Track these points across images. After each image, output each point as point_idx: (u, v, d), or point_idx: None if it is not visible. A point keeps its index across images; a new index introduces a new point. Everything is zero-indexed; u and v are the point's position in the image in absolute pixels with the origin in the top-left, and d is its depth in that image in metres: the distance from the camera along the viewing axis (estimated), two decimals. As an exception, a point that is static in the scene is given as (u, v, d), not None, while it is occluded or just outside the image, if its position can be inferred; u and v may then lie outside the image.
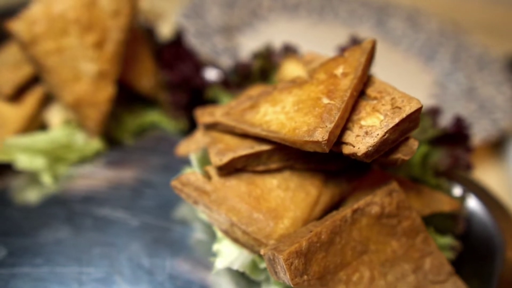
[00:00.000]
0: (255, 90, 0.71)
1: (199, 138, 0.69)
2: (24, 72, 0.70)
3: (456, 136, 0.67)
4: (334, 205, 0.59)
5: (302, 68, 0.72)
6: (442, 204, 0.61)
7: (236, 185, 0.56)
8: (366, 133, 0.50)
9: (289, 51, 0.77)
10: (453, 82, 1.23)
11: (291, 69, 0.72)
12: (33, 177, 0.69)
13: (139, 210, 0.67)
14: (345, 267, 0.52)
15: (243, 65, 0.78)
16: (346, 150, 0.51)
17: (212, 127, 0.61)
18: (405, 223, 0.56)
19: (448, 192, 0.65)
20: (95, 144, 0.73)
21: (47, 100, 0.73)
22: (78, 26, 0.68)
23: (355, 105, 0.54)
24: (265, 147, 0.56)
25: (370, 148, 0.49)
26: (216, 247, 0.57)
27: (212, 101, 0.80)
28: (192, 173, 0.57)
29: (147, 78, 0.79)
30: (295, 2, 1.48)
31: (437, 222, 0.64)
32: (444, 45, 1.38)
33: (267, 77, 0.79)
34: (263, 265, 0.56)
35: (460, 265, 0.59)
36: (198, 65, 0.82)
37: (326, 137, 0.48)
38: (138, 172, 0.74)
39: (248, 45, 1.23)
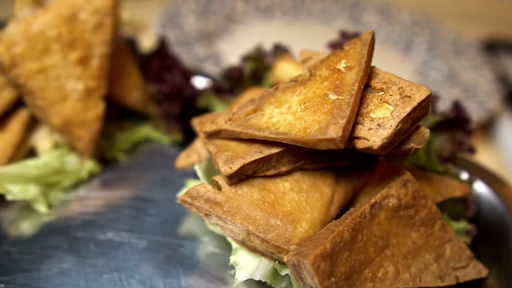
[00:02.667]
0: (252, 93, 0.69)
1: (199, 149, 0.67)
2: (5, 96, 0.66)
3: (456, 121, 0.67)
4: (348, 202, 0.58)
5: (296, 66, 0.71)
6: (453, 190, 0.61)
7: (249, 193, 0.54)
8: (379, 126, 0.49)
9: (280, 51, 0.75)
10: (433, 70, 1.25)
11: (284, 69, 0.71)
12: (26, 206, 0.64)
13: (144, 230, 0.63)
14: (370, 264, 0.51)
15: (234, 68, 0.76)
16: (361, 144, 0.50)
17: (215, 135, 0.59)
18: (422, 213, 0.55)
19: (456, 177, 0.65)
20: (89, 165, 0.69)
21: (33, 123, 0.69)
22: (60, 44, 0.65)
23: (362, 98, 0.53)
24: (274, 150, 0.54)
25: (385, 140, 0.48)
26: (233, 259, 0.55)
27: (205, 110, 0.78)
28: (201, 185, 0.55)
29: (135, 91, 0.76)
30: (268, 4, 1.48)
31: (448, 208, 0.64)
32: (418, 34, 1.40)
33: (259, 79, 0.77)
34: (284, 272, 0.54)
35: (474, 248, 0.59)
36: (187, 74, 0.80)
37: (340, 134, 0.47)
38: (137, 190, 0.70)
39: (229, 49, 1.21)
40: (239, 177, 0.54)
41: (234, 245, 0.56)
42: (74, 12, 0.67)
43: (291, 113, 0.53)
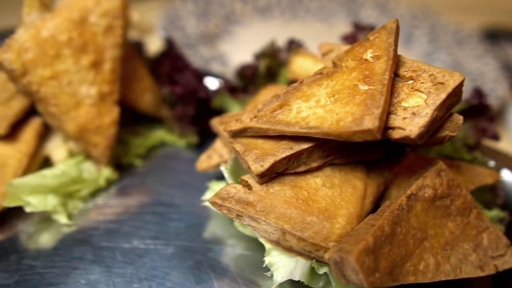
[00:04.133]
0: (270, 90, 0.67)
1: (220, 149, 0.65)
2: (17, 105, 0.63)
3: (479, 108, 0.67)
4: (380, 196, 0.57)
5: (313, 60, 0.70)
6: (484, 177, 0.60)
7: (281, 191, 0.52)
8: (414, 114, 0.48)
9: (295, 46, 0.74)
10: (437, 61, 1.25)
11: (301, 63, 0.70)
12: (45, 218, 0.62)
13: (169, 236, 0.61)
14: (410, 257, 0.49)
15: (248, 67, 0.75)
16: (396, 134, 0.48)
17: (240, 134, 0.57)
18: (457, 202, 0.54)
19: (484, 165, 0.64)
20: (106, 172, 0.67)
21: (47, 132, 0.66)
22: (71, 48, 0.63)
23: (391, 88, 0.51)
24: (304, 146, 0.52)
25: (422, 128, 0.47)
26: (267, 260, 0.53)
27: (219, 110, 0.76)
28: (231, 186, 0.53)
29: (148, 95, 0.74)
30: (266, 3, 1.47)
31: (478, 197, 0.63)
32: (418, 27, 1.40)
33: (274, 76, 0.75)
34: (321, 270, 0.52)
35: (507, 236, 0.57)
36: (199, 75, 0.78)
37: (377, 124, 0.45)
38: (157, 195, 0.68)
39: (231, 50, 1.20)
40: (270, 175, 0.53)
41: (267, 245, 0.54)
42: (84, 15, 0.65)
43: (320, 106, 0.51)
